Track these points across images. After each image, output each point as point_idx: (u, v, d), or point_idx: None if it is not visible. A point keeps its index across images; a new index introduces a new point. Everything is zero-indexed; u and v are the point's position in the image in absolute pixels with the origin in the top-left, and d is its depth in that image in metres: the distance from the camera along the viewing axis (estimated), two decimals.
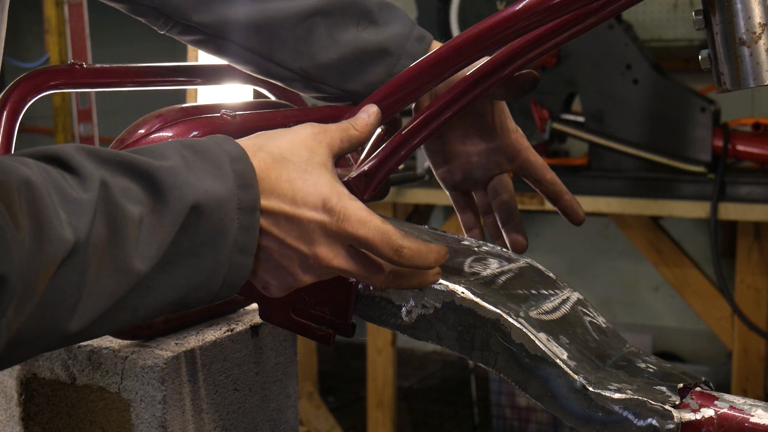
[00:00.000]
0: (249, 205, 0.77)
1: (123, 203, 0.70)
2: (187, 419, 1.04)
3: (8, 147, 0.98)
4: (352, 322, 0.96)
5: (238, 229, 0.76)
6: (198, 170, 0.75)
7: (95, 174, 0.69)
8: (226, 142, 0.78)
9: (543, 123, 2.72)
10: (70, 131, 4.02)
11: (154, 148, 0.76)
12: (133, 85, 1.12)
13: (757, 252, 2.53)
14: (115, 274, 0.70)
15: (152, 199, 0.72)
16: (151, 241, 0.71)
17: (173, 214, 0.72)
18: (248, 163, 0.78)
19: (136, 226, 0.70)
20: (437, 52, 0.94)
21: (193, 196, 0.73)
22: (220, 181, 0.75)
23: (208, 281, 0.76)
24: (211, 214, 0.74)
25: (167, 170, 0.73)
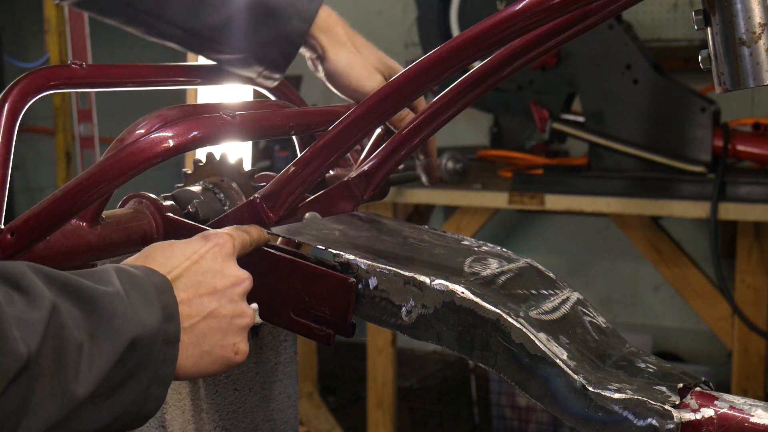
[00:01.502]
0: (172, 336, 0.79)
1: (68, 327, 0.70)
2: (187, 419, 1.04)
3: (8, 147, 0.98)
4: (352, 322, 0.96)
5: (160, 361, 0.78)
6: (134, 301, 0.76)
7: (46, 294, 0.69)
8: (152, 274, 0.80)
9: (543, 123, 2.72)
10: (70, 131, 4.01)
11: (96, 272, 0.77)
12: (133, 85, 1.12)
13: (757, 252, 2.53)
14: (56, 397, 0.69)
15: (93, 327, 0.72)
16: (90, 368, 0.72)
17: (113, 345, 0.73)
18: (172, 294, 0.80)
19: (77, 352, 0.71)
20: (437, 52, 0.94)
21: (132, 331, 0.74)
22: (152, 313, 0.77)
23: (127, 413, 0.77)
24: (143, 347, 0.76)
25: (108, 298, 0.74)
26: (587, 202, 2.61)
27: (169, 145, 0.94)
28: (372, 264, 0.95)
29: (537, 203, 2.63)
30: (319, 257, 0.99)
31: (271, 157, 3.18)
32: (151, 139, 0.94)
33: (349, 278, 0.95)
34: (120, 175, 0.93)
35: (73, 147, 4.02)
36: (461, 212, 2.84)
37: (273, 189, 1.02)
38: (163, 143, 0.94)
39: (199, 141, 0.97)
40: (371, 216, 1.13)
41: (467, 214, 2.83)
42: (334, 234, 1.03)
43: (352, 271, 0.96)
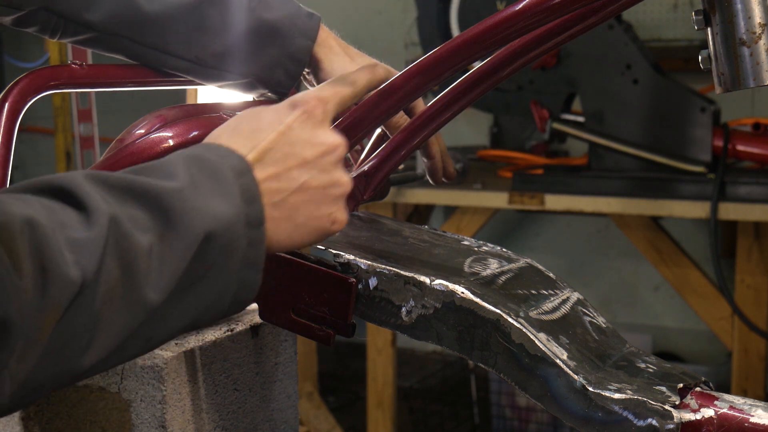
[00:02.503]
0: (256, 219, 0.76)
1: (132, 234, 0.68)
2: (187, 419, 1.04)
3: (8, 147, 0.98)
4: (352, 322, 0.96)
5: (246, 246, 0.75)
6: (206, 191, 0.73)
7: (103, 208, 0.67)
8: (229, 156, 0.77)
9: (543, 123, 2.72)
10: (70, 131, 4.01)
11: (162, 165, 0.74)
12: (133, 85, 1.13)
13: (757, 252, 2.53)
14: (128, 308, 0.68)
15: (162, 227, 0.70)
16: (162, 271, 0.70)
17: (185, 242, 0.71)
18: (251, 176, 0.77)
19: (147, 257, 0.69)
20: (437, 52, 0.94)
21: (205, 225, 0.72)
22: (228, 200, 0.74)
23: (218, 302, 0.75)
24: (221, 238, 0.73)
25: (176, 194, 0.71)
26: (587, 202, 2.61)
27: (169, 145, 0.95)
28: (372, 264, 0.96)
29: (537, 203, 2.63)
30: (319, 257, 0.99)
31: None
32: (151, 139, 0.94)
33: (349, 278, 0.95)
34: None
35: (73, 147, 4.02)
36: (461, 212, 2.84)
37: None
38: (163, 143, 0.94)
39: (199, 141, 0.97)
40: (371, 216, 1.13)
41: (467, 214, 2.83)
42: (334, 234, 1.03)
43: (352, 271, 0.96)
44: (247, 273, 0.76)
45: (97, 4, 1.05)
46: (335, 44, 1.17)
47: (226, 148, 0.78)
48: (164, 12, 1.07)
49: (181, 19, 1.08)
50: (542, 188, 2.64)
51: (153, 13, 1.07)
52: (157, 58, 1.11)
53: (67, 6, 1.05)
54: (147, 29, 1.08)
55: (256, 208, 0.76)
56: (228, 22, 1.10)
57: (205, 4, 1.09)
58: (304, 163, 0.80)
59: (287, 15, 1.13)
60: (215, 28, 1.10)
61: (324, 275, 0.96)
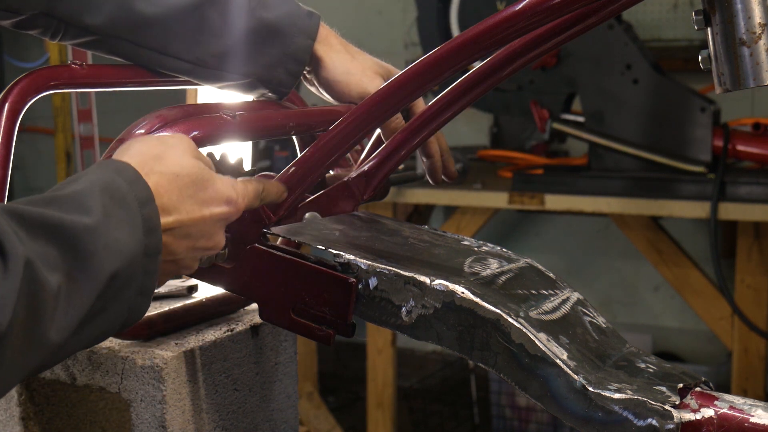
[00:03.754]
0: (153, 249, 0.79)
1: (43, 277, 0.69)
2: (187, 419, 1.04)
3: (8, 147, 0.98)
4: (352, 322, 0.96)
5: (142, 275, 0.78)
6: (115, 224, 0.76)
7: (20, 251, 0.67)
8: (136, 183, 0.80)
9: (543, 123, 2.72)
10: (70, 131, 4.01)
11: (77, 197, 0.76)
12: (133, 85, 1.12)
13: (757, 252, 2.53)
14: (31, 350, 0.69)
15: (71, 266, 0.72)
16: (68, 311, 0.71)
17: (93, 282, 0.73)
18: (153, 206, 0.80)
19: (54, 299, 0.70)
20: (437, 52, 0.94)
21: (112, 265, 0.74)
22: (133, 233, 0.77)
23: (109, 330, 0.78)
24: (123, 274, 0.76)
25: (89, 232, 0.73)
26: (587, 202, 2.61)
27: None
28: (372, 264, 0.95)
29: (537, 203, 2.63)
30: (319, 257, 0.99)
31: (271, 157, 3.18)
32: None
33: (349, 278, 0.95)
34: None
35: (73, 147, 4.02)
36: (461, 212, 2.84)
37: None
38: None
39: (199, 141, 0.97)
40: (371, 216, 1.13)
41: (467, 214, 2.83)
42: (334, 234, 1.03)
43: (352, 271, 0.96)
44: (139, 300, 0.79)
45: (96, 8, 1.06)
46: (336, 42, 1.17)
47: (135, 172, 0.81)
48: (164, 14, 1.07)
49: (181, 21, 1.08)
50: (542, 188, 2.64)
51: (152, 16, 1.07)
52: (158, 60, 1.11)
53: (67, 10, 1.05)
54: (147, 32, 1.08)
55: (155, 239, 0.80)
56: (228, 22, 1.10)
57: (204, 6, 1.09)
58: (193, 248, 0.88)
59: (287, 14, 1.13)
60: (215, 29, 1.10)
61: (324, 275, 0.96)
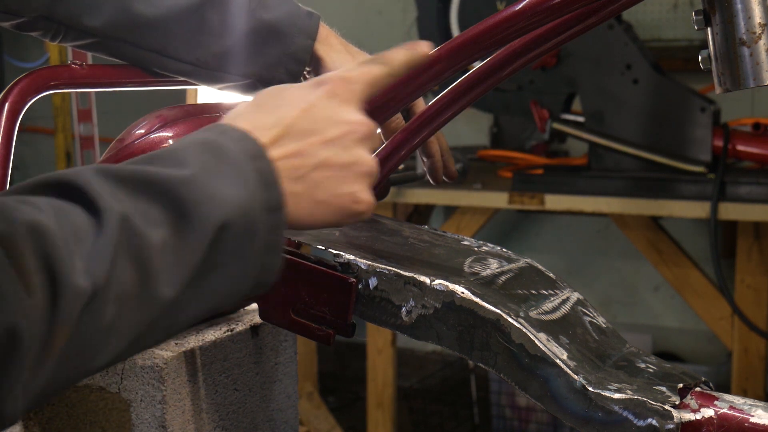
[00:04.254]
0: (274, 204, 0.74)
1: (144, 232, 0.66)
2: (187, 419, 1.04)
3: (8, 147, 0.98)
4: (352, 322, 0.96)
5: (265, 231, 0.74)
6: (220, 178, 0.72)
7: (114, 207, 0.65)
8: (243, 140, 0.75)
9: (543, 123, 2.72)
10: (70, 131, 4.01)
11: (174, 153, 0.73)
12: (133, 85, 1.13)
13: (757, 252, 2.53)
14: (142, 307, 0.67)
15: (175, 220, 0.69)
16: (177, 265, 0.68)
17: (199, 234, 0.69)
18: (266, 161, 0.75)
19: (160, 254, 0.67)
20: (437, 52, 0.94)
21: (220, 214, 0.70)
22: (244, 186, 0.72)
23: (238, 287, 0.74)
24: (238, 226, 0.71)
25: (189, 183, 0.70)
26: (587, 202, 2.61)
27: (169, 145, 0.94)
28: (372, 264, 0.96)
29: (537, 203, 2.63)
30: (319, 257, 0.99)
31: None
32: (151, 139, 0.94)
33: (349, 278, 0.95)
34: None
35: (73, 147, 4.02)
36: (461, 212, 2.84)
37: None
38: (163, 143, 0.94)
39: None
40: (371, 216, 1.13)
41: (467, 214, 2.83)
42: (334, 234, 1.03)
43: (352, 271, 0.96)
44: (267, 257, 0.75)
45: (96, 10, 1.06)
46: (336, 42, 1.17)
47: (240, 131, 0.76)
48: (164, 15, 1.08)
49: (181, 22, 1.08)
50: (542, 188, 2.64)
51: (153, 17, 1.07)
52: (158, 61, 1.11)
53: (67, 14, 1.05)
54: (147, 33, 1.08)
55: (275, 193, 0.75)
56: (227, 23, 1.10)
57: (204, 7, 1.09)
58: (326, 140, 0.79)
59: (287, 14, 1.13)
60: (215, 29, 1.10)
61: (324, 275, 0.96)
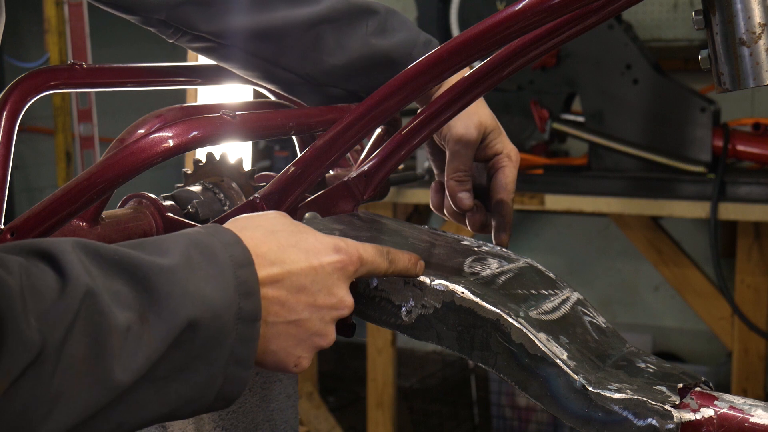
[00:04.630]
0: (250, 315, 0.74)
1: (109, 311, 0.66)
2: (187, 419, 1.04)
3: (8, 147, 0.98)
4: (352, 322, 0.96)
5: (235, 340, 0.73)
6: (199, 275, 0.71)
7: (82, 280, 0.66)
8: (233, 246, 0.75)
9: (543, 123, 2.72)
10: (70, 131, 4.02)
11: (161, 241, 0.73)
12: (133, 85, 1.13)
13: (757, 252, 2.53)
14: (93, 385, 0.66)
15: (144, 306, 0.68)
16: (136, 353, 0.67)
17: (166, 326, 0.69)
18: (251, 269, 0.75)
19: (121, 336, 0.67)
20: (437, 52, 0.94)
21: (190, 311, 0.70)
22: (222, 289, 0.72)
23: (200, 395, 0.73)
24: (207, 327, 0.71)
25: (165, 273, 0.70)
26: (587, 202, 2.61)
27: (169, 145, 0.94)
28: None
29: (537, 203, 2.63)
30: None
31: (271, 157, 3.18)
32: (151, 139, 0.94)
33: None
34: (120, 175, 0.93)
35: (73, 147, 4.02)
36: None
37: (273, 189, 1.02)
38: (163, 143, 0.94)
39: (199, 141, 0.97)
40: (371, 216, 1.13)
41: None
42: (334, 234, 1.03)
43: None
44: (235, 369, 0.74)
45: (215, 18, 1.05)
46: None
47: (232, 235, 0.76)
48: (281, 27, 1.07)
49: (297, 36, 1.08)
50: (542, 188, 2.64)
51: (271, 28, 1.07)
52: (268, 69, 1.11)
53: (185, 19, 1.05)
54: (263, 43, 1.08)
55: (253, 303, 0.75)
56: (342, 45, 1.10)
57: (322, 24, 1.08)
58: (313, 304, 0.80)
59: (404, 42, 1.12)
60: (329, 49, 1.09)
61: None
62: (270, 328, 0.78)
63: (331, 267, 0.81)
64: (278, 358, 0.80)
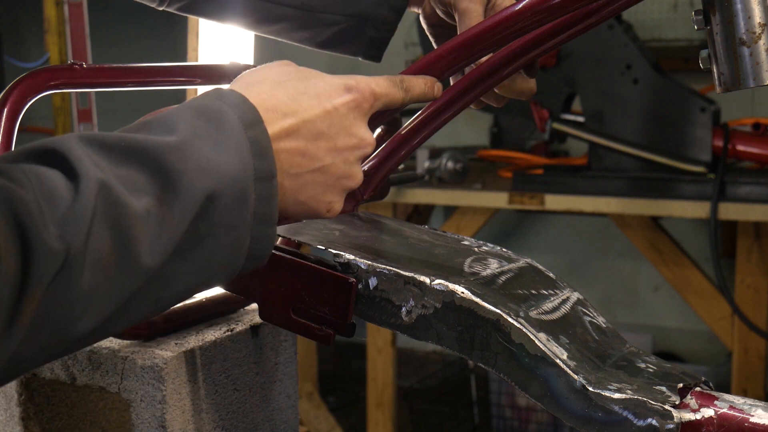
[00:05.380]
0: (266, 173, 0.73)
1: (126, 200, 0.66)
2: (187, 419, 1.04)
3: (8, 147, 0.98)
4: (352, 322, 0.96)
5: (255, 200, 0.72)
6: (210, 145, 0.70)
7: (93, 174, 0.65)
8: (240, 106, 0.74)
9: (543, 123, 2.72)
10: (70, 131, 4.02)
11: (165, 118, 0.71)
12: (133, 85, 1.13)
13: (757, 252, 2.53)
14: (123, 274, 0.66)
15: (160, 188, 0.68)
16: (160, 235, 0.67)
17: (185, 203, 0.68)
18: (262, 128, 0.74)
19: (143, 222, 0.66)
20: (437, 52, 0.94)
21: (207, 183, 0.69)
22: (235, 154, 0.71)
23: (231, 259, 0.73)
24: (227, 196, 0.70)
25: (175, 151, 0.69)
26: (587, 202, 2.61)
27: None
28: (372, 264, 0.96)
29: (537, 203, 2.63)
30: (319, 257, 0.99)
31: None
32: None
33: (349, 278, 0.95)
34: None
35: None
36: (461, 212, 2.84)
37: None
38: None
39: None
40: (371, 216, 1.13)
41: (467, 214, 2.83)
42: (334, 234, 1.03)
43: (352, 271, 0.96)
44: (259, 228, 0.74)
45: None
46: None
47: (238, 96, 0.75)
48: None
49: None
50: (542, 188, 2.64)
51: None
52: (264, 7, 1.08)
53: None
54: None
55: (267, 162, 0.74)
56: None
57: None
58: (334, 148, 0.79)
59: None
60: None
61: (324, 275, 0.96)
62: (295, 180, 0.78)
63: (346, 108, 0.80)
64: (309, 207, 0.80)
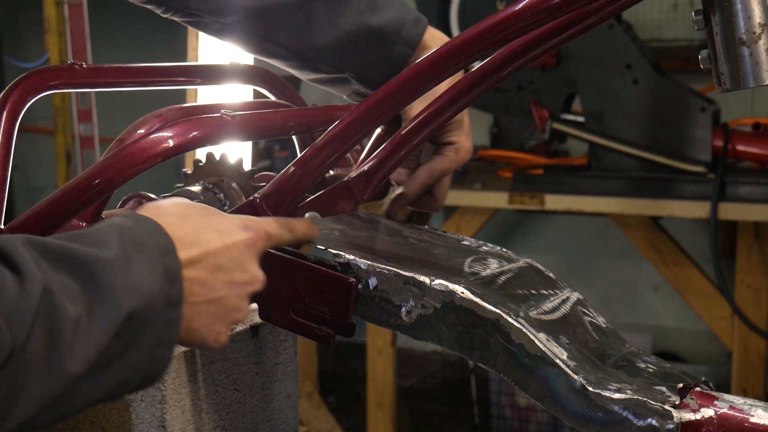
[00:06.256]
0: (174, 299, 0.78)
1: (62, 305, 0.69)
2: (187, 419, 1.04)
3: (8, 147, 0.98)
4: (352, 322, 0.96)
5: (162, 324, 0.77)
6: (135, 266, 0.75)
7: (38, 276, 0.68)
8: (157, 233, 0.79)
9: (543, 123, 2.72)
10: (70, 131, 4.01)
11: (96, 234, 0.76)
12: (133, 85, 1.13)
13: (757, 252, 2.53)
14: (48, 379, 0.68)
15: (90, 299, 0.71)
16: (86, 344, 0.70)
17: (110, 318, 0.72)
18: (175, 256, 0.79)
19: (73, 328, 0.69)
20: (437, 52, 0.94)
21: (130, 302, 0.73)
22: (152, 278, 0.76)
23: (130, 379, 0.76)
24: (141, 316, 0.74)
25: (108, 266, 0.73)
26: (587, 202, 2.61)
27: (169, 145, 0.94)
28: (372, 264, 0.96)
29: (537, 203, 2.63)
30: (319, 257, 0.99)
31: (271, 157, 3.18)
32: (151, 139, 0.94)
33: (349, 278, 0.95)
34: (120, 175, 0.93)
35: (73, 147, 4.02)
36: (461, 212, 2.84)
37: (273, 189, 1.02)
38: (163, 143, 0.94)
39: (199, 141, 0.97)
40: (371, 216, 1.13)
41: (467, 214, 2.83)
42: (334, 234, 1.03)
43: (352, 271, 0.96)
44: (159, 351, 0.77)
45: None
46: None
47: (153, 223, 0.80)
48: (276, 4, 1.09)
49: (289, 13, 1.10)
50: (542, 188, 2.64)
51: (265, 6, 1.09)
52: (260, 44, 1.13)
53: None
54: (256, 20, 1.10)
55: (176, 288, 0.78)
56: (334, 22, 1.11)
57: (316, 2, 1.10)
58: (230, 281, 0.84)
59: (394, 20, 1.13)
60: (320, 25, 1.11)
61: (324, 275, 0.96)
62: (192, 308, 0.82)
63: (243, 244, 0.85)
64: (200, 336, 0.84)
